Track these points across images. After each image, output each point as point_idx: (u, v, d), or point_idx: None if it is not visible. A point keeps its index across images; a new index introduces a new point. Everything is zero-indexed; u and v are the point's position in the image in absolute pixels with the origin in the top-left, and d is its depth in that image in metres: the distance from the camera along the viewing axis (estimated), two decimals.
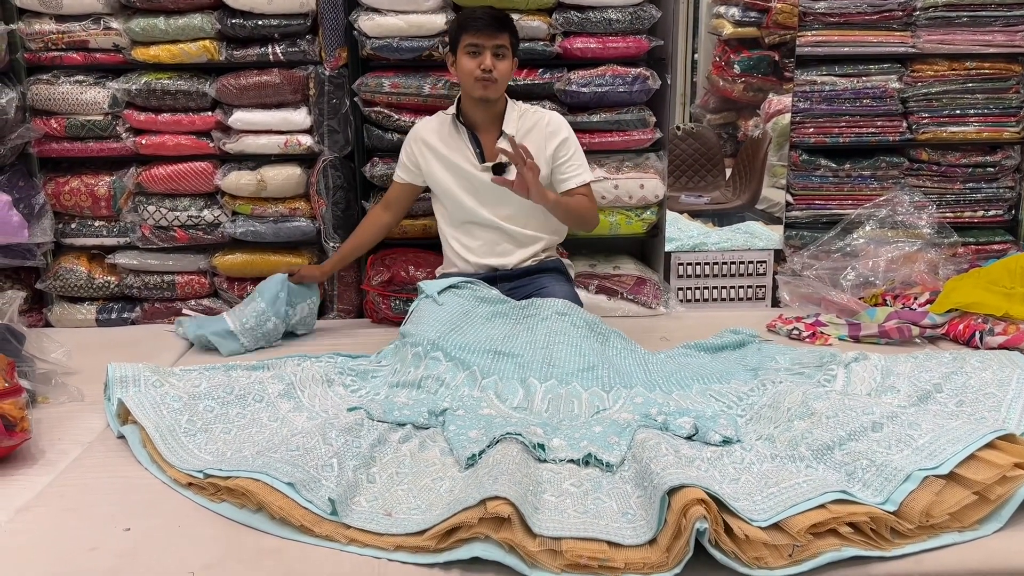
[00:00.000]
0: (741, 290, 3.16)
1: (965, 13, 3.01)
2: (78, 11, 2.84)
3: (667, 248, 3.11)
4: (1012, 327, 2.49)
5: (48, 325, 3.05)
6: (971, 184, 3.17)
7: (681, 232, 3.17)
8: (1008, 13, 3.01)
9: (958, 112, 3.10)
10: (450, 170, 2.60)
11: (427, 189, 2.73)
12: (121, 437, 2.00)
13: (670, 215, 3.11)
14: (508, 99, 2.61)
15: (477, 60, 2.44)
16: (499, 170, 2.51)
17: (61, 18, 2.86)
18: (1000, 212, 3.20)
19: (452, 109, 2.62)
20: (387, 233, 2.82)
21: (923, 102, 3.09)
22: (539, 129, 2.59)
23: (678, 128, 3.21)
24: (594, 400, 2.10)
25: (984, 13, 3.01)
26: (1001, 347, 2.44)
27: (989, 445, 1.64)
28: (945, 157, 3.14)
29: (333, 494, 1.62)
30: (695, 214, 3.27)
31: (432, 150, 2.62)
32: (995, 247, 3.18)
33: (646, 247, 3.28)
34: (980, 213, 3.20)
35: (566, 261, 2.82)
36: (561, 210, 2.53)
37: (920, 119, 3.10)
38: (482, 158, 2.58)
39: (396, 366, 2.33)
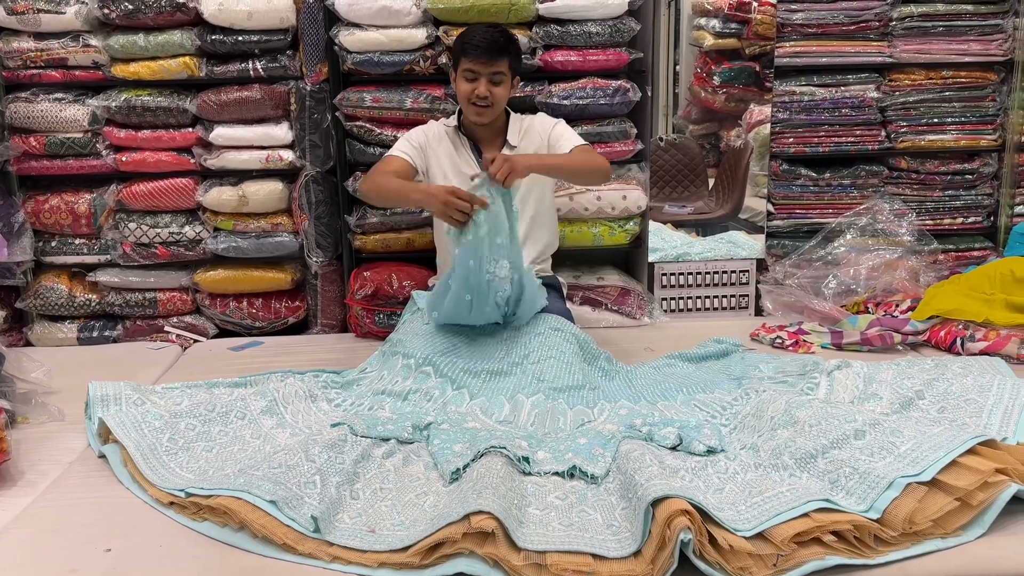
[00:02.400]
0: (724, 299, 3.17)
1: (940, 23, 3.05)
2: (57, 29, 2.83)
3: (651, 258, 3.12)
4: (992, 333, 2.51)
5: (29, 344, 3.03)
6: (950, 191, 3.20)
7: (664, 242, 3.18)
8: (983, 22, 3.05)
9: (936, 120, 3.13)
10: (454, 177, 2.57)
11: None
12: (102, 456, 1.98)
13: (654, 225, 3.13)
14: (510, 112, 2.63)
15: (472, 85, 2.45)
16: None
17: (40, 36, 2.85)
18: (979, 219, 3.23)
19: (453, 120, 2.62)
20: None
21: (901, 111, 3.12)
22: (534, 130, 2.62)
23: (661, 139, 3.22)
24: (579, 416, 2.11)
25: (959, 23, 3.05)
26: (982, 353, 2.46)
27: (971, 451, 1.65)
28: (924, 165, 3.17)
29: (316, 511, 1.61)
30: (678, 224, 3.28)
31: (442, 151, 2.60)
32: (975, 253, 3.21)
33: (630, 258, 3.29)
34: (959, 220, 3.23)
35: (560, 279, 2.82)
36: (557, 170, 2.48)
37: (898, 128, 3.13)
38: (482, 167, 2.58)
39: (383, 372, 2.32)
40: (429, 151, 2.61)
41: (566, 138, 2.57)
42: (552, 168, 2.46)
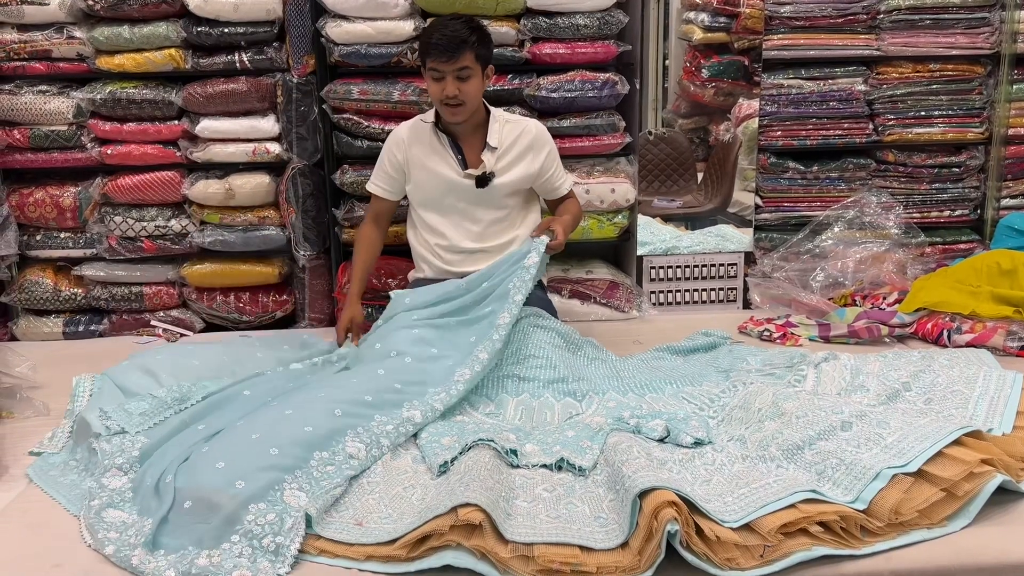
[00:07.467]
0: (713, 292, 3.18)
1: (928, 16, 3.05)
2: (40, 20, 2.80)
3: (639, 252, 3.12)
4: (979, 325, 2.52)
5: (14, 339, 3.01)
6: (937, 184, 3.21)
7: (653, 236, 3.18)
8: (970, 16, 3.06)
9: (923, 113, 3.14)
10: (431, 176, 2.54)
11: (406, 196, 2.65)
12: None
13: (643, 219, 3.13)
14: (489, 107, 2.57)
15: (441, 85, 2.38)
16: (482, 181, 2.50)
17: (23, 27, 2.82)
18: (966, 212, 3.24)
19: (430, 116, 2.55)
20: (382, 246, 2.73)
21: (888, 104, 3.13)
22: (522, 142, 2.55)
23: (650, 133, 3.22)
24: (567, 409, 2.11)
25: (946, 16, 3.05)
26: (968, 345, 2.47)
27: (956, 442, 1.66)
28: (911, 158, 3.18)
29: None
30: (667, 218, 3.28)
31: (415, 154, 2.55)
32: (961, 246, 3.22)
33: (618, 251, 3.29)
34: (946, 213, 3.24)
35: None
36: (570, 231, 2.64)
37: (886, 121, 3.13)
38: (464, 165, 2.53)
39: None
40: (409, 161, 2.56)
41: (562, 176, 2.67)
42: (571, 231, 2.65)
